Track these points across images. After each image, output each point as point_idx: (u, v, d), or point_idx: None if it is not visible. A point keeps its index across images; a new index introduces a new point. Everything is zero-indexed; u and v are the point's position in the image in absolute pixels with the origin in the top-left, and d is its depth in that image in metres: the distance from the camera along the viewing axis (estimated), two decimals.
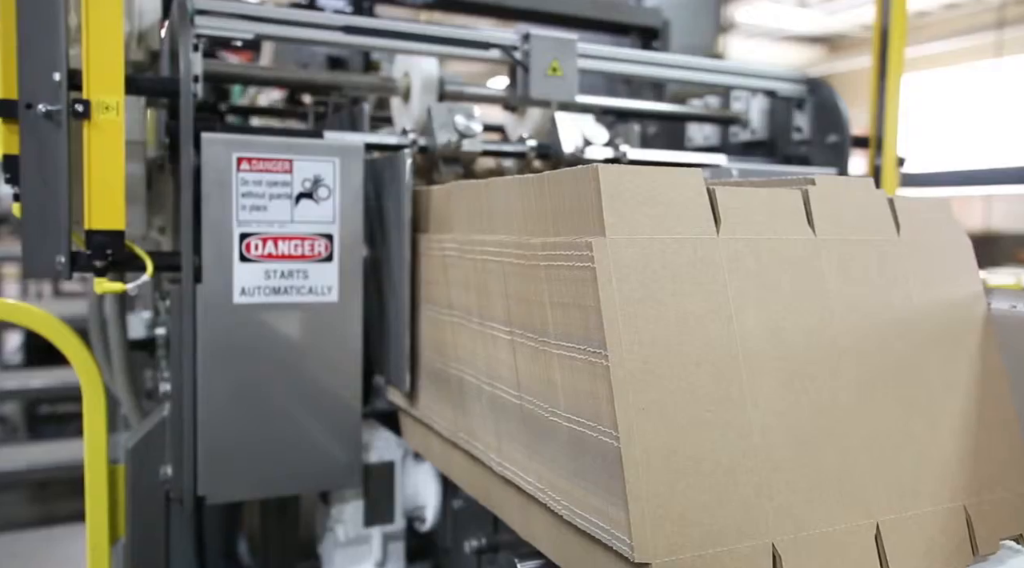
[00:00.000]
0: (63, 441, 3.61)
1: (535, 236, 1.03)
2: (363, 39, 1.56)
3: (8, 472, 3.26)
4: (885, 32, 2.02)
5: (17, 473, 3.27)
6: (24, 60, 1.27)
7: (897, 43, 2.01)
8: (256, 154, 1.37)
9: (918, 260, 1.09)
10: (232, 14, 1.46)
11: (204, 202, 1.35)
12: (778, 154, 2.04)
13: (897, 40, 2.00)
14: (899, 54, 2.01)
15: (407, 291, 1.38)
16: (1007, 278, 9.30)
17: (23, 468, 3.26)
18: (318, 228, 1.42)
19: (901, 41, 2.02)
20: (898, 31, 2.02)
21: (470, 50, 1.64)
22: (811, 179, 1.06)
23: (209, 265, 1.36)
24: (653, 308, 0.89)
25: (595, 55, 1.75)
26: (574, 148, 1.69)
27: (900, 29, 2.02)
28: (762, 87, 1.96)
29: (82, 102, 1.24)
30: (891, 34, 2.00)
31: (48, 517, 3.47)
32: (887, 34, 2.00)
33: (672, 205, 0.95)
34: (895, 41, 2.01)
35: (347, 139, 1.53)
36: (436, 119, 1.58)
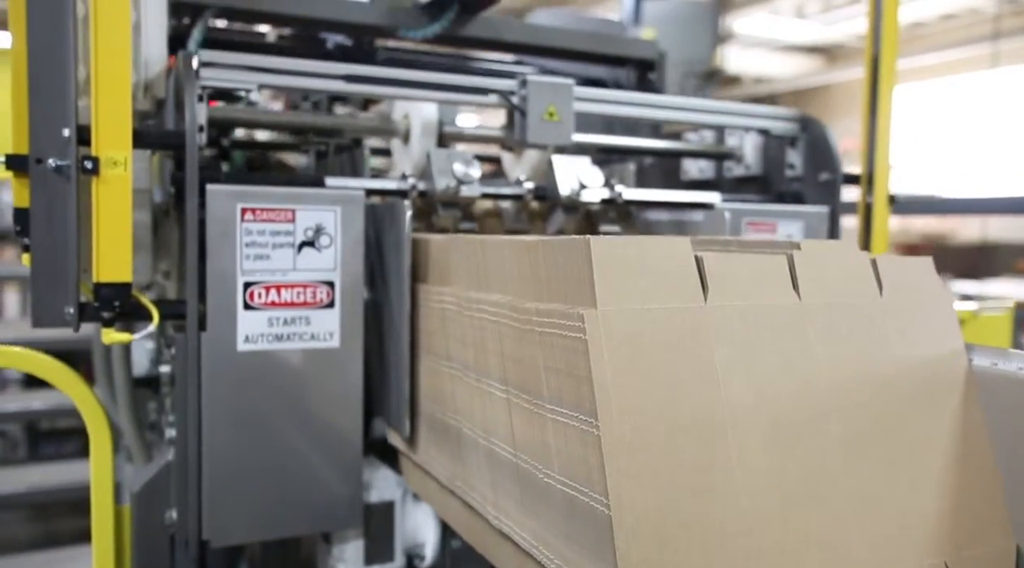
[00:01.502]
0: (64, 463, 3.64)
1: (530, 300, 1.07)
2: (364, 87, 1.59)
3: (9, 494, 3.28)
4: (876, 70, 2.05)
5: (18, 495, 3.30)
6: (35, 117, 1.31)
7: (887, 80, 2.05)
8: (259, 205, 1.41)
9: (900, 319, 1.13)
10: (236, 66, 1.50)
11: (209, 252, 1.39)
12: (772, 190, 2.07)
13: (887, 78, 2.04)
14: (888, 91, 2.05)
15: (407, 340, 1.42)
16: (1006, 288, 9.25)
17: (24, 490, 3.28)
18: (320, 275, 1.46)
19: (891, 78, 2.05)
20: (888, 67, 2.06)
21: (469, 96, 1.68)
22: (796, 243, 1.10)
23: (213, 313, 1.39)
24: (643, 377, 0.93)
25: (591, 98, 1.79)
26: (570, 190, 1.72)
27: (890, 63, 2.06)
28: (755, 126, 2.00)
29: (91, 159, 1.28)
30: (881, 77, 2.04)
31: (50, 538, 3.51)
32: (877, 76, 2.03)
33: (662, 274, 0.98)
34: (884, 80, 2.05)
35: (348, 186, 1.56)
36: (435, 165, 1.62)
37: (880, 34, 2.06)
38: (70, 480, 3.33)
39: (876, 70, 2.06)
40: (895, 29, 2.08)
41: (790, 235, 1.89)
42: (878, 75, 2.05)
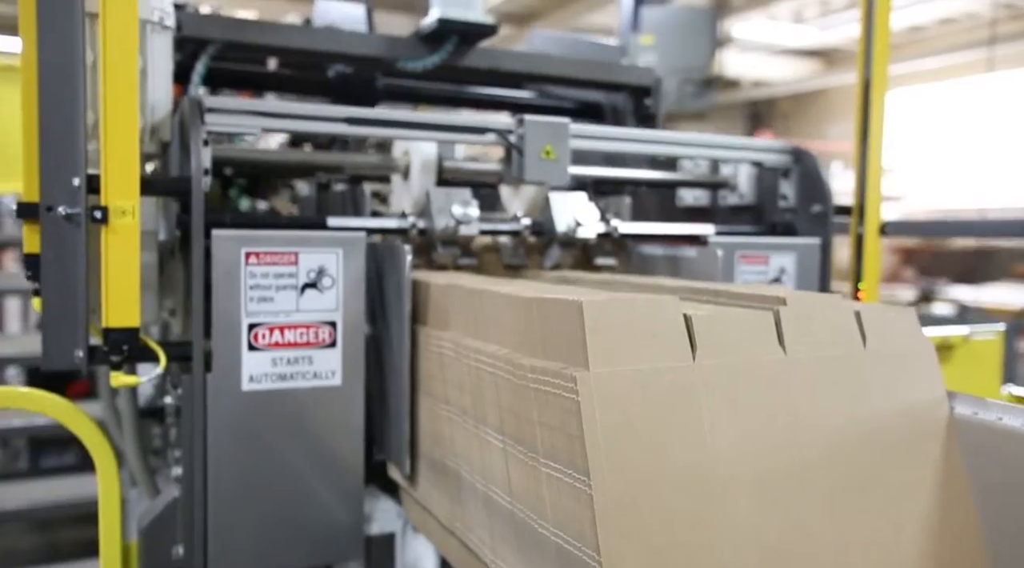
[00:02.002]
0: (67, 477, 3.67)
1: (526, 355, 1.11)
2: (365, 129, 1.63)
3: (13, 510, 3.32)
4: (867, 101, 2.09)
5: (22, 512, 3.33)
6: (46, 166, 1.35)
7: (877, 113, 2.09)
8: (263, 248, 1.45)
9: (883, 370, 1.17)
10: (241, 111, 1.54)
11: (214, 294, 1.43)
12: (765, 220, 2.11)
13: (876, 110, 2.08)
14: (879, 124, 2.09)
15: (407, 381, 1.46)
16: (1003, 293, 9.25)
17: (27, 507, 3.32)
18: (322, 316, 1.50)
19: (880, 110, 2.10)
20: (878, 98, 2.10)
21: (468, 135, 1.72)
22: (783, 299, 1.14)
23: (219, 355, 1.43)
24: (633, 436, 0.97)
25: (588, 135, 1.83)
26: (566, 227, 1.76)
27: (880, 94, 2.10)
28: (749, 158, 2.04)
29: (100, 209, 1.32)
30: (871, 110, 2.08)
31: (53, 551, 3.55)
32: (868, 109, 2.07)
33: (652, 334, 1.02)
34: (875, 113, 2.09)
35: (349, 227, 1.60)
36: (435, 204, 1.66)
37: (871, 72, 2.10)
38: (73, 495, 3.37)
39: (867, 102, 2.10)
40: (885, 59, 2.12)
41: (782, 267, 1.93)
42: (869, 108, 2.09)
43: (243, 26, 2.09)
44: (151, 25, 1.56)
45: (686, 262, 1.76)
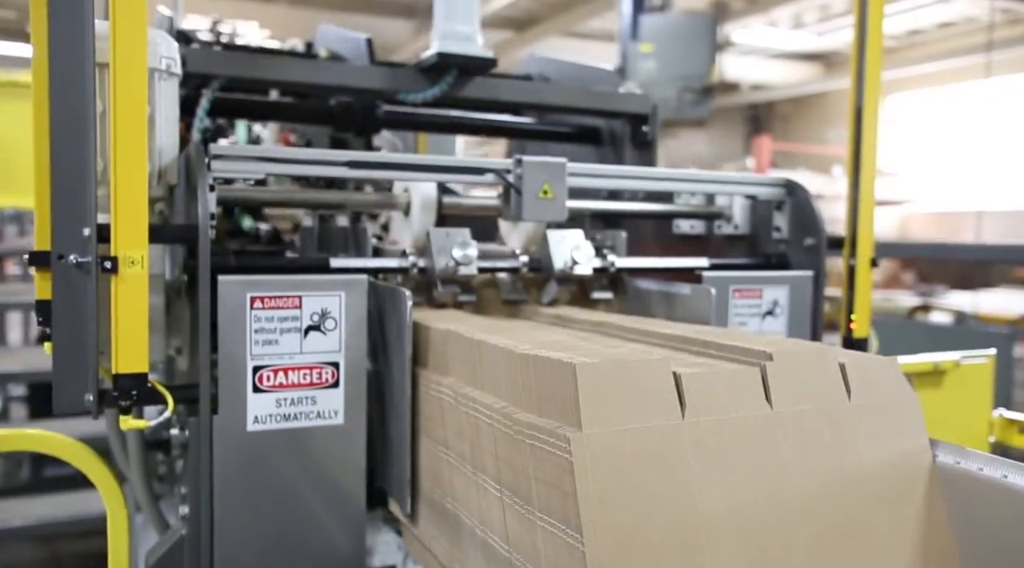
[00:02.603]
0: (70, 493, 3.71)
1: (521, 407, 1.15)
2: (366, 172, 1.67)
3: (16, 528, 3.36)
4: (859, 134, 2.13)
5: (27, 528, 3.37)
6: (57, 216, 1.39)
7: (869, 147, 2.13)
8: (268, 292, 1.49)
9: (867, 421, 1.21)
10: (246, 157, 1.58)
11: (220, 337, 1.47)
12: (759, 251, 2.15)
13: (868, 145, 2.12)
14: (871, 157, 2.13)
15: (408, 421, 1.50)
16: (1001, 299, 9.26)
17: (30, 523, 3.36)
18: (325, 357, 1.54)
19: (873, 144, 2.13)
20: (870, 126, 2.14)
21: (467, 176, 1.76)
22: (769, 354, 1.18)
23: (225, 397, 1.48)
24: (625, 494, 1.01)
25: (585, 173, 1.87)
26: (563, 264, 1.81)
27: (871, 127, 2.14)
28: (743, 192, 2.08)
29: (110, 259, 1.36)
30: (863, 144, 2.12)
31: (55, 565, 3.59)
32: (860, 144, 2.11)
33: (642, 394, 1.06)
34: (867, 147, 2.13)
35: (351, 268, 1.65)
36: (435, 244, 1.70)
37: (862, 101, 2.14)
38: (78, 511, 3.40)
39: (859, 135, 2.14)
40: (877, 87, 2.16)
41: (775, 300, 1.97)
42: (861, 141, 2.13)
43: (247, 61, 2.13)
44: (159, 73, 1.60)
45: (680, 298, 1.81)
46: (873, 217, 2.10)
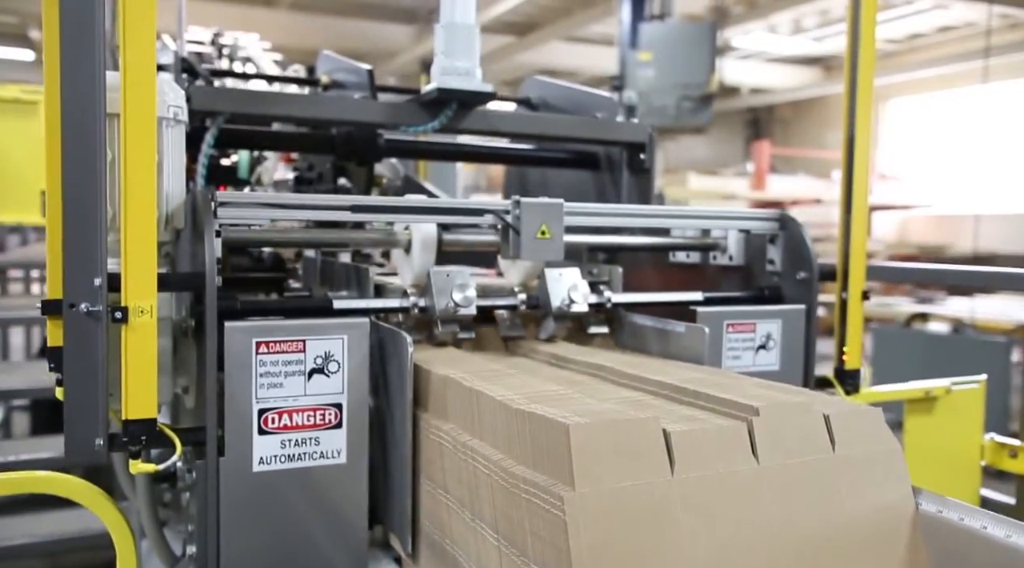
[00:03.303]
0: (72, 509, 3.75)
1: (517, 461, 1.20)
2: (369, 215, 1.72)
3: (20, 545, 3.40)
4: (851, 168, 2.18)
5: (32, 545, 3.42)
6: (69, 266, 1.43)
7: (860, 181, 2.17)
8: (273, 338, 1.54)
9: (852, 472, 1.25)
10: (251, 203, 1.62)
11: (226, 381, 1.52)
12: (753, 283, 2.19)
13: (860, 178, 2.16)
14: (863, 191, 2.17)
15: (409, 462, 1.55)
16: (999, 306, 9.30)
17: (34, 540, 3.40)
18: (328, 399, 1.58)
19: (865, 177, 2.18)
20: (862, 166, 2.18)
21: (467, 217, 1.81)
22: (756, 409, 1.22)
23: (231, 439, 1.52)
24: (616, 549, 1.05)
25: (582, 212, 1.92)
26: (561, 302, 1.85)
27: (864, 161, 2.18)
28: (737, 227, 2.13)
29: (120, 309, 1.41)
30: (856, 175, 2.16)
31: None
32: (852, 175, 2.16)
33: (633, 452, 1.11)
34: (859, 178, 2.17)
35: (354, 308, 1.69)
36: (435, 285, 1.75)
37: (855, 130, 2.18)
38: (82, 528, 3.45)
39: (851, 167, 2.18)
40: (868, 115, 2.20)
41: (768, 333, 2.02)
42: (853, 175, 2.18)
43: (250, 97, 2.18)
44: (167, 121, 1.64)
45: (675, 336, 1.85)
46: (865, 250, 2.14)
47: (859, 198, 2.15)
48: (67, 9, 1.44)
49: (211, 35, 6.80)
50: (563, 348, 1.81)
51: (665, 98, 9.22)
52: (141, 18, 1.45)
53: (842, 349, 2.14)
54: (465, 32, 2.20)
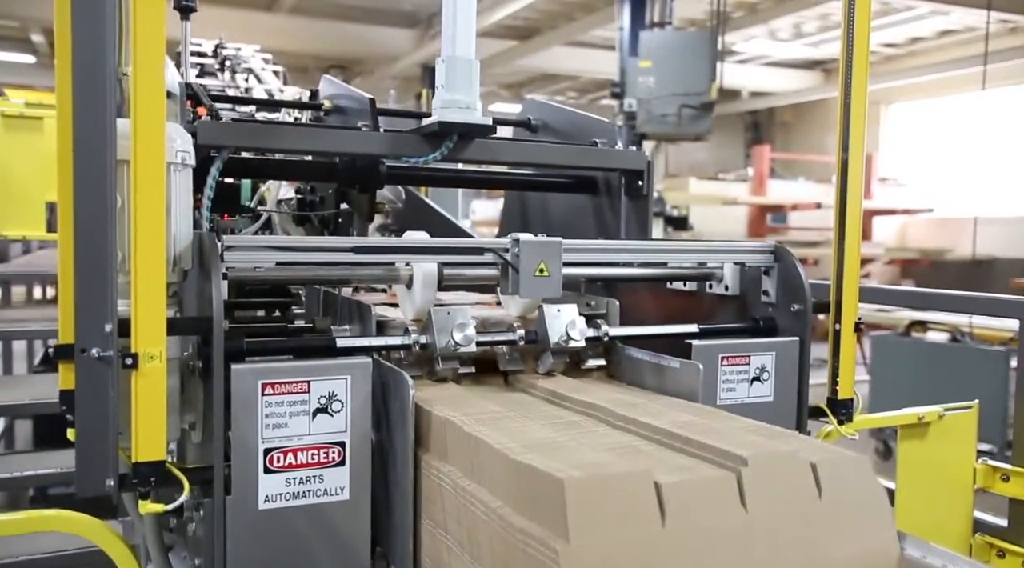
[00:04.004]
0: None
1: (516, 512, 1.24)
2: (371, 256, 1.77)
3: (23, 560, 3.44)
4: (844, 200, 2.21)
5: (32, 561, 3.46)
6: (80, 312, 1.48)
7: (853, 214, 2.21)
8: (278, 379, 1.58)
9: (838, 518, 1.29)
10: (257, 247, 1.67)
11: (233, 421, 1.56)
12: (748, 314, 2.23)
13: (854, 212, 2.20)
14: (856, 225, 2.21)
15: (410, 500, 1.59)
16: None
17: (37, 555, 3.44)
18: (332, 437, 1.63)
19: (857, 208, 2.22)
20: (854, 198, 2.22)
21: (467, 256, 1.85)
22: (745, 458, 1.26)
23: (237, 478, 1.57)
24: None
25: (579, 248, 1.96)
26: (558, 338, 1.90)
27: (856, 193, 2.22)
28: (733, 260, 2.17)
29: (131, 356, 1.45)
30: (849, 209, 2.20)
31: None
32: (845, 210, 2.20)
33: (626, 505, 1.15)
34: (852, 210, 2.21)
35: (356, 347, 1.74)
36: (436, 323, 1.79)
37: (848, 155, 2.22)
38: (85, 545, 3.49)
39: (844, 201, 2.22)
40: (861, 141, 2.24)
41: (762, 365, 2.06)
42: (846, 206, 2.22)
43: (256, 131, 2.22)
44: (175, 166, 1.69)
45: (670, 371, 1.89)
46: (857, 283, 2.18)
47: (852, 231, 2.19)
48: (79, 60, 1.48)
49: (213, 46, 6.85)
50: (561, 384, 1.86)
51: (665, 106, 9.26)
52: (151, 70, 1.49)
53: (835, 379, 2.18)
54: (465, 66, 2.24)
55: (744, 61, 18.00)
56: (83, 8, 1.48)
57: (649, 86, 9.35)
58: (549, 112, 3.05)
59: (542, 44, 16.05)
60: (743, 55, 17.52)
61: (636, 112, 9.38)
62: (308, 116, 3.20)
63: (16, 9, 14.43)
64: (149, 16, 1.48)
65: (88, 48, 1.48)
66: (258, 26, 15.27)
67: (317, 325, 2.12)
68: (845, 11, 2.19)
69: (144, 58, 1.48)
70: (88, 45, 1.47)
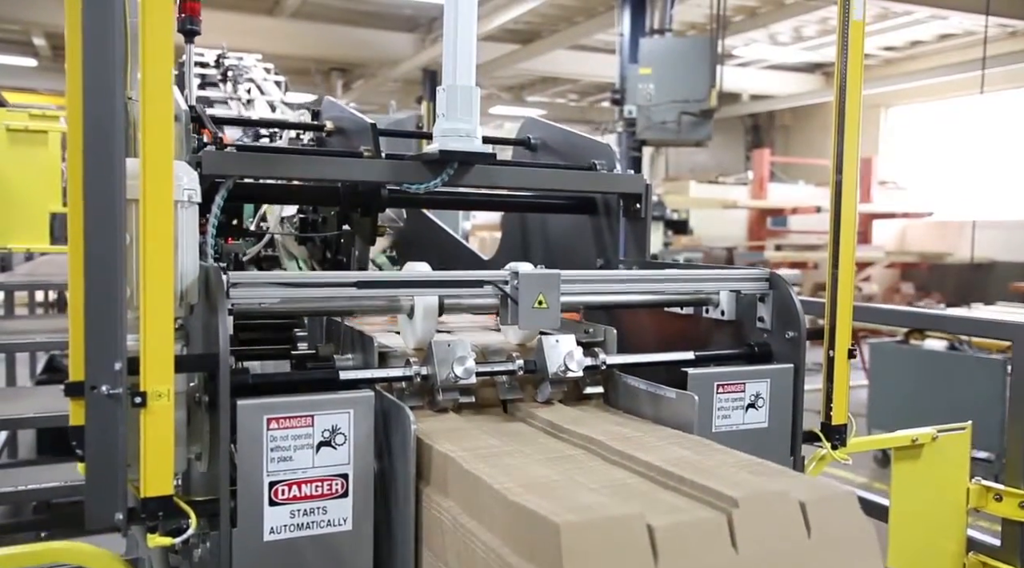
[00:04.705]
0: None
1: (513, 552, 1.28)
2: (374, 291, 1.81)
3: None
4: (837, 233, 2.25)
5: None
6: (90, 351, 1.52)
7: (847, 244, 2.25)
8: (283, 414, 1.62)
9: (826, 557, 1.33)
10: (263, 283, 1.71)
11: (239, 455, 1.60)
12: (744, 340, 2.27)
13: (847, 244, 2.24)
14: (851, 247, 2.25)
15: (411, 532, 1.63)
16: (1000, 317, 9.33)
17: None
18: (335, 470, 1.67)
19: (851, 239, 2.26)
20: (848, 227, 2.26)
21: (467, 289, 1.89)
22: (735, 500, 1.30)
23: (243, 511, 1.61)
24: None
25: (577, 279, 2.00)
26: (557, 368, 1.94)
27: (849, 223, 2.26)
28: (729, 288, 2.21)
29: (140, 394, 1.49)
30: (843, 232, 2.24)
31: None
32: (840, 234, 2.23)
33: (620, 548, 1.19)
34: (846, 239, 2.25)
35: (359, 379, 1.78)
36: (437, 356, 1.83)
37: (842, 196, 2.26)
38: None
39: (838, 230, 2.26)
40: (854, 168, 2.28)
41: (757, 392, 2.10)
42: (840, 235, 2.25)
43: (259, 160, 2.26)
44: (182, 204, 1.73)
45: (666, 401, 1.93)
46: (851, 311, 2.22)
47: (845, 260, 2.23)
48: (90, 112, 1.52)
49: (215, 56, 6.89)
50: (559, 414, 1.90)
51: (665, 113, 9.30)
52: (160, 116, 1.53)
53: (829, 405, 2.22)
54: (466, 94, 2.27)
55: (744, 64, 18.03)
56: (95, 58, 1.51)
57: (649, 93, 9.39)
58: (548, 132, 3.09)
59: (543, 48, 16.09)
60: (743, 58, 17.55)
61: (636, 119, 9.44)
62: (312, 137, 3.25)
63: (18, 13, 14.47)
64: (158, 63, 1.52)
65: (100, 100, 1.52)
66: (260, 30, 15.32)
67: (320, 351, 2.16)
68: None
69: (153, 115, 1.52)
70: (100, 97, 1.51)
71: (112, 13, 1.53)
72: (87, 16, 1.52)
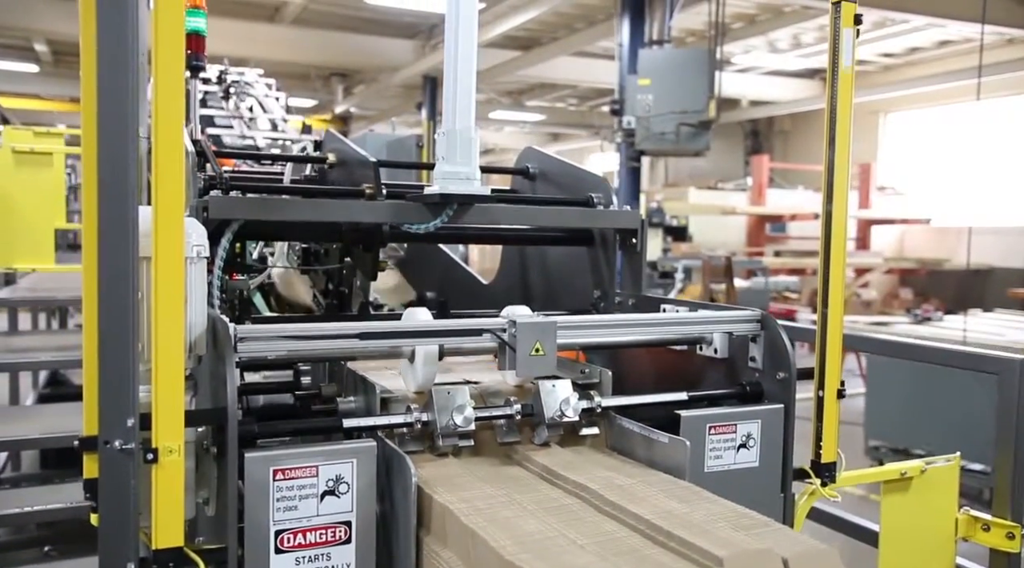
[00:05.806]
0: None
1: None
2: (376, 342, 1.87)
3: None
4: (828, 264, 2.31)
5: None
6: (104, 406, 1.58)
7: (838, 273, 2.31)
8: (289, 465, 1.68)
9: None
10: (270, 336, 1.77)
11: (246, 505, 1.66)
12: (736, 379, 2.33)
13: (837, 277, 2.30)
14: (840, 283, 2.31)
15: None
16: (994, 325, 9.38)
17: None
18: (339, 517, 1.73)
19: (841, 274, 2.31)
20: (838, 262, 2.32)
21: (467, 338, 1.95)
22: (721, 560, 1.36)
23: (250, 559, 1.67)
24: None
25: (573, 325, 2.06)
26: (554, 413, 2.00)
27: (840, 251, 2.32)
28: (722, 330, 2.27)
29: (151, 450, 1.55)
30: (832, 270, 2.30)
31: None
32: (830, 270, 2.29)
33: None
34: (836, 275, 2.31)
35: (361, 426, 1.84)
36: (437, 403, 1.90)
37: (831, 232, 2.31)
38: None
39: (828, 266, 2.32)
40: (844, 192, 2.33)
41: (748, 433, 2.16)
42: (829, 271, 2.31)
43: (264, 204, 2.32)
44: (191, 260, 1.79)
45: (659, 445, 1.99)
46: (840, 351, 2.28)
47: (835, 295, 2.29)
48: (104, 172, 1.58)
49: (218, 72, 6.94)
50: (554, 458, 1.96)
51: (664, 124, 9.37)
52: (170, 179, 1.59)
53: (819, 443, 2.28)
54: (465, 138, 2.33)
55: (743, 70, 18.09)
56: (110, 124, 1.57)
57: (648, 104, 9.45)
58: (547, 162, 3.15)
59: (543, 55, 16.15)
60: (742, 64, 17.60)
61: (635, 129, 9.50)
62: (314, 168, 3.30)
63: (20, 19, 14.53)
64: (170, 129, 1.58)
65: (114, 180, 1.56)
66: (260, 37, 15.38)
67: (323, 392, 2.23)
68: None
69: (165, 177, 1.57)
70: (114, 174, 1.56)
71: (126, 74, 1.57)
72: (102, 76, 1.56)
